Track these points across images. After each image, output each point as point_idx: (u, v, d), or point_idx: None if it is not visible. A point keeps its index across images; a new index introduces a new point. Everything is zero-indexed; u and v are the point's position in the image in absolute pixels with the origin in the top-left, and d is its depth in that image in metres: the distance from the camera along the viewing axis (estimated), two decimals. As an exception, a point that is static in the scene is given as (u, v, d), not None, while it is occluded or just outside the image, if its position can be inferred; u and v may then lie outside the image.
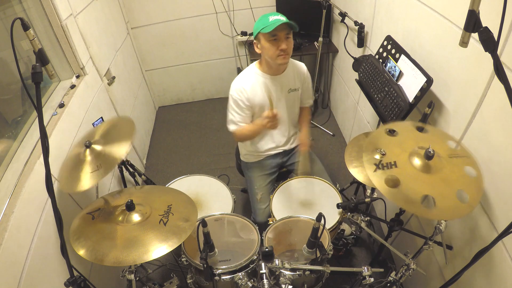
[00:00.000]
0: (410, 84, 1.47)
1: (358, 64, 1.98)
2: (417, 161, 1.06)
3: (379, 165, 1.02)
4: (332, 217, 1.51)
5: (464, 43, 0.76)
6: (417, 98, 1.41)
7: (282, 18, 1.44)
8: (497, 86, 1.00)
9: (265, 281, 1.17)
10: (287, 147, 1.86)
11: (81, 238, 1.10)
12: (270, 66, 1.59)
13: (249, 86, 1.60)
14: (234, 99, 1.60)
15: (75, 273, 1.09)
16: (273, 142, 1.81)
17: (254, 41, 1.55)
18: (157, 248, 1.05)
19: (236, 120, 1.63)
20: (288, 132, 1.81)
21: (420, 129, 1.20)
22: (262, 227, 1.46)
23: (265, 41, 1.48)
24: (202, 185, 1.78)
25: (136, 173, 1.98)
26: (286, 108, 1.72)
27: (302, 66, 1.74)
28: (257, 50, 1.57)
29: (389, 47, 1.69)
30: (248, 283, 1.27)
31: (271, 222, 1.46)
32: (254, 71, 1.64)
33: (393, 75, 1.60)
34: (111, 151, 1.37)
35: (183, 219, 1.17)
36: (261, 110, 1.64)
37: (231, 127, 1.66)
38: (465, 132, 1.24)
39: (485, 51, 0.73)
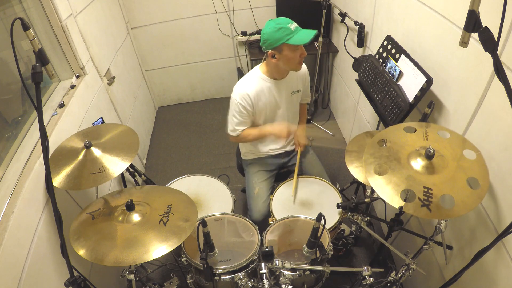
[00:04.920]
0: (410, 84, 1.47)
1: (358, 64, 1.98)
2: (420, 162, 1.07)
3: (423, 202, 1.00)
4: (332, 217, 1.51)
5: (464, 43, 0.76)
6: (417, 98, 1.41)
7: (297, 25, 1.45)
8: (497, 86, 1.00)
9: (265, 281, 1.17)
10: (288, 148, 1.86)
11: (81, 238, 1.10)
12: (279, 71, 1.57)
13: (254, 91, 1.57)
14: (236, 104, 1.58)
15: (75, 273, 1.09)
16: (275, 144, 1.81)
17: (271, 51, 1.46)
18: (157, 248, 1.05)
19: (237, 124, 1.63)
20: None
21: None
22: (262, 227, 1.46)
23: (290, 51, 1.44)
24: (202, 185, 1.78)
25: (136, 173, 1.98)
26: (287, 111, 1.73)
27: (303, 66, 1.73)
28: (273, 60, 1.48)
29: (389, 47, 1.69)
30: (248, 283, 1.27)
31: (271, 222, 1.46)
32: (259, 76, 1.61)
33: (393, 75, 1.60)
34: (109, 162, 1.36)
35: (183, 219, 1.17)
36: (262, 113, 1.65)
37: (232, 131, 1.66)
38: (465, 132, 1.24)
39: (485, 51, 0.73)
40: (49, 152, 1.01)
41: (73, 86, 1.85)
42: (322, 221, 1.12)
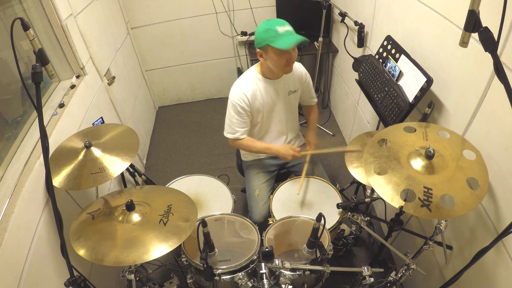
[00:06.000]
0: (410, 84, 1.47)
1: (358, 64, 1.98)
2: (420, 162, 1.07)
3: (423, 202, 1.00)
4: (332, 217, 1.51)
5: (464, 43, 0.76)
6: (417, 98, 1.41)
7: (290, 29, 1.42)
8: (497, 86, 1.00)
9: (265, 281, 1.17)
10: None
11: (81, 238, 1.10)
12: (271, 72, 1.58)
13: (250, 91, 1.58)
14: (234, 105, 1.59)
15: (75, 273, 1.09)
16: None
17: (258, 50, 1.50)
18: (157, 248, 1.05)
19: (237, 125, 1.63)
20: (286, 136, 1.81)
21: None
22: (262, 227, 1.46)
23: (274, 54, 1.44)
24: (202, 185, 1.78)
25: (136, 173, 1.98)
26: (285, 111, 1.72)
27: (299, 66, 1.72)
28: (261, 59, 1.53)
29: (389, 47, 1.69)
30: (248, 283, 1.27)
31: (271, 222, 1.46)
32: (254, 76, 1.62)
33: (393, 75, 1.60)
34: (109, 162, 1.36)
35: (183, 219, 1.17)
36: (259, 113, 1.65)
37: (232, 133, 1.66)
38: (465, 132, 1.24)
39: (485, 51, 0.73)
40: (49, 152, 1.01)
41: (73, 86, 1.85)
42: (322, 221, 1.12)
